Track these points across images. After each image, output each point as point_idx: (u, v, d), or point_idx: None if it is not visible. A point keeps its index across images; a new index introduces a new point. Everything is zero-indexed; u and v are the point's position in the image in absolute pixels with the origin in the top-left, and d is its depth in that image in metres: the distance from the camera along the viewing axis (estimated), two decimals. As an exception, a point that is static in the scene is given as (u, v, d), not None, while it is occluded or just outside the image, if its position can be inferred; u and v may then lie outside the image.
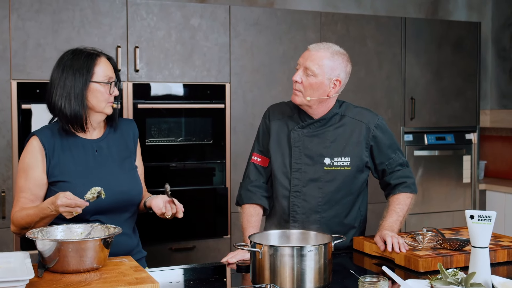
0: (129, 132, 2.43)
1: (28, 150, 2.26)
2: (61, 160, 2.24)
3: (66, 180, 2.22)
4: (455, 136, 4.70)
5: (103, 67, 2.26)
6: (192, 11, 3.84)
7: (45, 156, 2.24)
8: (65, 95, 2.22)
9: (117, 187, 2.26)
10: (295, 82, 2.43)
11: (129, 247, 2.34)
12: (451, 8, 5.35)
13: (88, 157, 2.28)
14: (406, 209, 2.51)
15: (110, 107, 2.29)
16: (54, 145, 2.25)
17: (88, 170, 2.26)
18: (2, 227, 3.44)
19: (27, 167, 2.23)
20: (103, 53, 2.32)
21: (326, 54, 2.40)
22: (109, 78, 2.27)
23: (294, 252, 1.86)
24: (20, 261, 1.84)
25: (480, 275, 1.85)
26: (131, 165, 2.38)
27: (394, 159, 2.54)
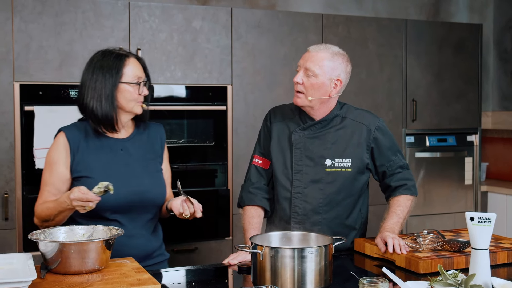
0: (157, 136, 2.45)
1: (54, 146, 2.31)
2: (85, 156, 2.28)
3: (89, 176, 2.26)
4: (456, 138, 4.70)
5: (132, 68, 2.28)
6: (194, 13, 3.85)
7: (69, 152, 2.28)
8: (96, 97, 2.25)
9: (138, 186, 2.28)
10: (297, 84, 2.44)
11: (149, 249, 2.35)
12: (453, 10, 5.36)
13: (113, 156, 2.31)
14: (406, 211, 2.51)
15: (140, 106, 2.32)
16: (80, 141, 2.29)
17: (111, 168, 2.29)
18: (5, 228, 3.45)
19: (52, 161, 2.29)
20: (132, 54, 2.34)
21: (326, 54, 2.42)
22: (138, 78, 2.29)
23: (295, 253, 1.87)
24: (22, 262, 1.85)
25: (480, 277, 1.86)
26: (155, 167, 2.40)
27: (395, 161, 2.55)
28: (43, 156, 3.42)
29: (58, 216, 2.19)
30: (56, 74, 3.53)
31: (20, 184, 3.46)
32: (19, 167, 3.46)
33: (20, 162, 3.46)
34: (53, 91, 3.53)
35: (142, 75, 2.32)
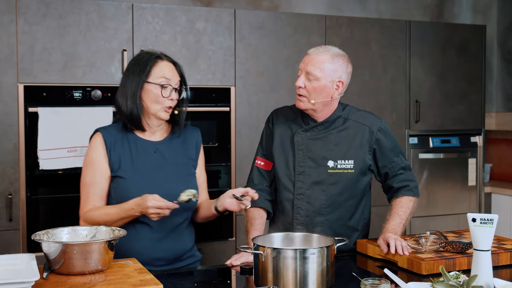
0: (192, 140, 2.44)
1: (92, 146, 2.32)
2: (120, 157, 2.29)
3: (122, 176, 2.27)
4: (460, 139, 4.70)
5: (161, 69, 2.27)
6: (197, 15, 3.86)
7: (106, 152, 2.29)
8: (123, 93, 2.28)
9: (171, 190, 2.26)
10: (299, 88, 2.44)
11: (178, 252, 2.35)
12: (456, 11, 5.35)
13: (147, 158, 2.32)
14: (409, 212, 2.52)
15: (165, 112, 2.29)
16: (116, 141, 2.31)
17: (145, 170, 2.29)
18: (9, 229, 3.47)
19: (93, 161, 2.30)
20: (167, 57, 2.33)
21: (326, 57, 2.42)
22: (166, 80, 2.27)
23: (297, 254, 1.88)
24: (25, 263, 1.86)
25: (482, 278, 1.86)
26: (188, 171, 2.39)
27: (397, 162, 2.56)
28: (47, 157, 3.44)
29: (117, 222, 2.20)
30: (60, 76, 3.54)
31: (24, 185, 3.48)
32: (23, 168, 3.47)
33: (24, 163, 3.47)
34: (57, 92, 3.54)
35: (173, 79, 2.29)
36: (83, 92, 3.59)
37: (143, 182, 2.26)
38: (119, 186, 2.27)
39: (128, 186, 2.25)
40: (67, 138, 3.49)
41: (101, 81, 3.63)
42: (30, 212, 3.49)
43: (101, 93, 3.62)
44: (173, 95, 2.28)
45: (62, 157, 3.48)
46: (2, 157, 3.44)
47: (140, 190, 2.22)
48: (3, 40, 3.43)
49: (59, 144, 3.47)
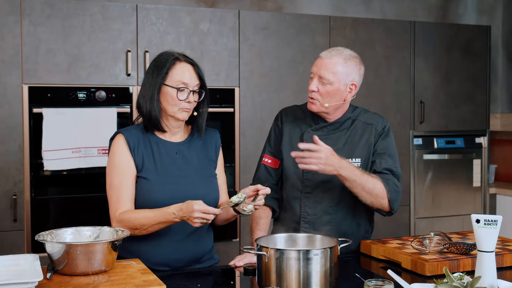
0: (212, 142, 2.43)
1: (115, 148, 2.29)
2: (144, 158, 2.28)
3: (146, 177, 2.26)
4: (465, 140, 4.69)
5: (179, 72, 2.24)
6: (202, 15, 3.86)
7: (130, 153, 2.27)
8: (143, 94, 2.27)
9: (193, 190, 2.26)
10: (312, 92, 2.43)
11: (197, 254, 2.33)
12: (461, 11, 5.34)
13: (169, 159, 2.30)
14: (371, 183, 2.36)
15: (183, 113, 2.27)
16: (138, 142, 2.29)
17: (167, 171, 2.28)
18: (14, 230, 3.48)
19: (119, 163, 2.26)
20: (186, 59, 2.29)
21: (339, 60, 2.41)
22: (184, 84, 2.23)
23: (300, 255, 1.87)
24: (29, 264, 1.86)
25: (486, 279, 1.85)
26: (209, 172, 2.38)
27: (386, 161, 2.48)
28: (52, 158, 3.45)
29: (153, 226, 2.17)
30: (65, 77, 3.55)
31: (28, 186, 3.49)
32: (27, 169, 3.48)
33: (29, 164, 3.48)
34: (61, 93, 3.55)
35: (191, 82, 2.25)
36: (87, 93, 3.59)
37: (167, 184, 2.24)
38: (142, 187, 2.25)
39: (152, 187, 2.23)
40: (71, 139, 3.50)
41: (105, 82, 3.63)
42: (34, 212, 3.50)
43: (105, 94, 3.62)
44: (191, 98, 2.25)
45: (67, 158, 3.48)
46: (7, 157, 3.45)
47: (164, 191, 2.22)
48: (8, 41, 3.44)
49: (64, 145, 3.48)
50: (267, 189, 2.17)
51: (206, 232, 2.39)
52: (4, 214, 3.46)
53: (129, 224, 2.18)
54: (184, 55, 2.31)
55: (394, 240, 2.44)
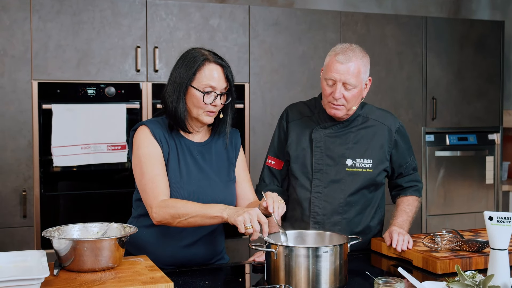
0: (232, 142, 2.35)
1: (142, 138, 2.19)
2: (169, 153, 2.21)
3: (169, 174, 2.19)
4: (477, 136, 4.64)
5: (207, 74, 2.15)
6: (211, 11, 3.84)
7: (158, 145, 2.20)
8: (170, 92, 2.18)
9: (212, 194, 2.22)
10: (337, 99, 2.36)
11: (207, 256, 2.29)
12: (474, 7, 5.28)
13: (189, 158, 2.24)
14: (414, 211, 2.55)
15: (208, 116, 2.19)
16: (163, 136, 2.21)
17: (187, 171, 2.22)
18: (24, 226, 3.48)
19: (150, 151, 2.17)
20: (216, 57, 2.18)
21: (358, 62, 2.35)
22: (211, 88, 2.15)
23: (309, 252, 1.85)
24: (36, 260, 1.85)
25: (498, 278, 1.82)
26: (228, 175, 2.30)
27: (410, 163, 2.59)
28: (61, 154, 3.45)
29: (196, 218, 2.04)
30: (74, 73, 3.54)
31: (38, 182, 3.48)
32: (37, 165, 3.48)
33: (38, 160, 3.48)
34: (71, 89, 3.54)
35: (219, 85, 2.15)
36: (96, 89, 3.59)
37: (187, 185, 2.19)
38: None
39: (173, 186, 2.17)
40: (80, 135, 3.49)
41: (114, 78, 3.62)
42: (44, 209, 3.50)
43: (114, 90, 3.61)
44: (217, 101, 2.16)
45: (76, 154, 3.48)
46: (17, 154, 3.45)
47: (183, 192, 2.17)
48: (18, 37, 3.44)
49: (73, 141, 3.47)
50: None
51: (219, 234, 2.35)
52: (14, 210, 3.46)
53: (173, 210, 2.06)
54: (214, 54, 2.19)
55: (405, 238, 2.41)
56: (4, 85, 3.43)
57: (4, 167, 3.44)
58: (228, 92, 2.20)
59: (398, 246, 2.25)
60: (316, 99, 2.56)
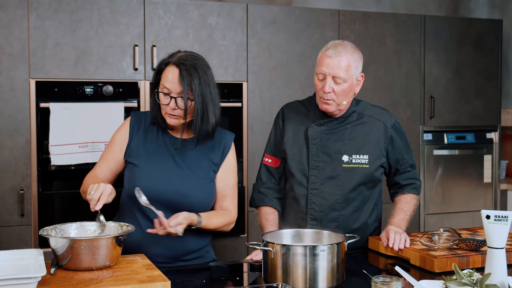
0: (221, 144, 2.36)
1: (120, 127, 2.38)
2: (139, 144, 2.30)
3: (136, 164, 2.27)
4: (475, 135, 4.64)
5: (164, 76, 2.21)
6: (210, 10, 3.83)
7: (128, 136, 2.32)
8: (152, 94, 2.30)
9: (178, 188, 2.24)
10: (327, 93, 2.37)
11: (177, 251, 2.28)
12: (473, 6, 5.28)
13: (166, 152, 2.30)
14: (412, 209, 2.54)
15: (170, 118, 2.23)
16: (141, 128, 2.33)
17: (160, 163, 2.27)
18: (21, 225, 3.47)
19: (112, 140, 2.36)
20: (177, 62, 2.20)
21: (348, 56, 2.36)
22: (167, 90, 2.19)
23: (307, 251, 1.85)
24: (33, 258, 1.85)
25: (496, 276, 1.82)
26: (207, 174, 2.31)
27: (407, 160, 2.58)
28: (59, 153, 3.44)
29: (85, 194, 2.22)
30: (72, 71, 3.54)
31: (36, 181, 3.48)
32: (34, 164, 3.47)
33: (36, 159, 3.47)
34: (68, 88, 3.54)
35: (173, 87, 2.18)
36: (94, 88, 3.58)
37: (153, 174, 2.24)
38: (130, 172, 2.28)
39: (137, 175, 2.24)
40: (78, 134, 3.49)
41: (112, 77, 3.62)
42: (41, 207, 3.50)
43: (112, 88, 3.61)
44: (172, 104, 2.19)
45: (74, 152, 3.47)
46: (14, 152, 3.44)
47: (148, 180, 2.22)
48: (15, 35, 3.43)
49: (71, 139, 3.47)
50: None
51: (191, 233, 2.28)
52: (12, 209, 3.45)
53: (82, 187, 2.30)
54: (177, 58, 2.21)
55: (402, 236, 2.41)
56: (2, 83, 3.42)
57: (1, 166, 3.43)
58: (185, 96, 2.17)
59: (395, 245, 2.26)
60: (312, 98, 2.57)
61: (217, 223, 2.32)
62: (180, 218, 2.13)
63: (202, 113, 2.22)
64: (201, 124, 2.23)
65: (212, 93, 2.24)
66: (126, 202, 2.32)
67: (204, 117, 2.22)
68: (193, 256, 2.34)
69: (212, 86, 2.24)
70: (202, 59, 2.26)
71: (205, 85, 2.21)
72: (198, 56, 2.27)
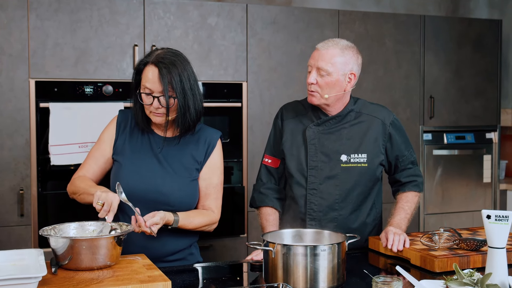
0: (205, 142, 2.35)
1: (108, 125, 2.40)
2: (125, 142, 2.32)
3: (119, 161, 2.30)
4: (475, 135, 4.64)
5: (146, 79, 2.20)
6: (209, 10, 3.83)
7: (115, 133, 2.34)
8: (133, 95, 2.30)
9: (158, 186, 2.24)
10: (311, 84, 2.40)
11: (157, 252, 2.24)
12: (472, 6, 5.28)
13: (149, 150, 2.31)
14: (413, 207, 2.54)
15: (154, 117, 2.23)
16: (127, 126, 2.35)
17: (141, 161, 2.28)
18: (21, 225, 3.47)
19: (100, 138, 2.38)
20: (155, 61, 2.19)
21: (336, 51, 2.38)
22: (148, 89, 2.19)
23: (307, 251, 1.85)
24: (33, 259, 1.85)
25: (496, 276, 1.82)
26: (189, 173, 2.30)
27: (407, 156, 2.57)
28: (58, 153, 3.44)
29: (83, 196, 2.24)
30: (72, 71, 3.53)
31: (35, 181, 3.48)
32: (34, 164, 3.47)
33: (36, 159, 3.47)
34: (68, 88, 3.53)
35: (153, 86, 2.18)
36: (94, 88, 3.58)
37: (135, 172, 2.25)
38: (115, 169, 2.31)
39: (120, 172, 2.26)
40: (78, 134, 3.48)
41: (112, 77, 3.62)
42: (41, 207, 3.49)
43: (112, 88, 3.60)
44: (155, 103, 2.19)
45: (73, 152, 3.47)
46: (14, 152, 3.44)
47: (129, 178, 2.23)
48: (15, 35, 3.43)
49: (70, 139, 3.47)
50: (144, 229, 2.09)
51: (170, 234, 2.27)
52: (11, 209, 3.45)
53: (73, 187, 2.30)
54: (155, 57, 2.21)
55: (403, 236, 2.41)
56: (2, 83, 3.42)
57: (1, 166, 3.43)
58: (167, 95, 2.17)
59: (394, 247, 2.25)
60: None
61: (196, 223, 2.28)
62: (157, 218, 2.10)
63: (184, 109, 2.23)
64: (183, 120, 2.24)
65: (193, 88, 2.24)
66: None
67: (186, 113, 2.23)
68: (175, 258, 2.31)
69: (192, 81, 2.25)
70: (180, 55, 2.26)
71: (186, 81, 2.21)
72: (176, 52, 2.27)
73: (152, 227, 2.08)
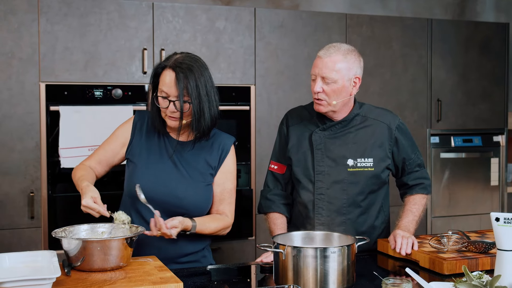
0: (219, 147, 2.37)
1: (124, 123, 2.42)
2: (139, 143, 2.34)
3: (135, 162, 2.32)
4: (482, 138, 4.64)
5: (163, 82, 2.21)
6: (218, 14, 3.86)
7: (130, 134, 2.36)
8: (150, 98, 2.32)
9: (173, 190, 2.26)
10: (317, 93, 2.40)
11: (169, 253, 2.27)
12: (479, 9, 5.29)
13: (165, 153, 2.32)
14: (421, 210, 2.55)
15: (170, 120, 2.25)
16: (143, 127, 2.36)
17: (156, 163, 2.30)
18: (32, 227, 3.49)
19: (114, 133, 2.41)
20: (173, 65, 2.21)
21: (338, 57, 2.38)
22: (165, 93, 2.21)
23: (317, 253, 1.86)
24: (47, 260, 1.87)
25: (505, 278, 1.83)
26: (203, 178, 2.32)
27: (414, 159, 2.57)
28: (68, 156, 3.47)
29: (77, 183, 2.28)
30: (81, 75, 3.56)
31: (45, 183, 3.50)
32: (44, 167, 3.50)
33: (46, 162, 3.50)
34: (78, 91, 3.56)
35: (170, 91, 2.19)
36: (104, 91, 3.61)
37: (149, 174, 2.27)
38: (129, 170, 2.33)
39: (136, 173, 2.28)
40: (88, 137, 3.51)
41: (121, 80, 3.64)
42: (51, 210, 3.52)
43: (121, 92, 3.63)
44: (171, 107, 2.21)
45: (83, 155, 3.49)
46: (24, 155, 3.47)
47: (144, 180, 2.24)
48: (25, 39, 3.46)
49: (80, 142, 3.49)
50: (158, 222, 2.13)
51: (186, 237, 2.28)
52: (21, 211, 3.48)
53: (73, 173, 2.35)
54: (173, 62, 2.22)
55: (411, 239, 2.42)
56: (12, 87, 3.45)
57: (12, 169, 3.46)
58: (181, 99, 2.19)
59: (402, 250, 2.27)
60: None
61: (212, 228, 2.31)
62: (176, 222, 2.14)
63: (199, 115, 2.23)
64: (198, 125, 2.25)
65: (209, 93, 2.26)
66: (125, 200, 2.36)
67: (201, 118, 2.24)
68: (188, 260, 2.33)
69: (209, 87, 2.26)
70: (198, 60, 2.28)
71: (202, 86, 2.23)
72: (195, 57, 2.29)
73: (171, 230, 2.10)
